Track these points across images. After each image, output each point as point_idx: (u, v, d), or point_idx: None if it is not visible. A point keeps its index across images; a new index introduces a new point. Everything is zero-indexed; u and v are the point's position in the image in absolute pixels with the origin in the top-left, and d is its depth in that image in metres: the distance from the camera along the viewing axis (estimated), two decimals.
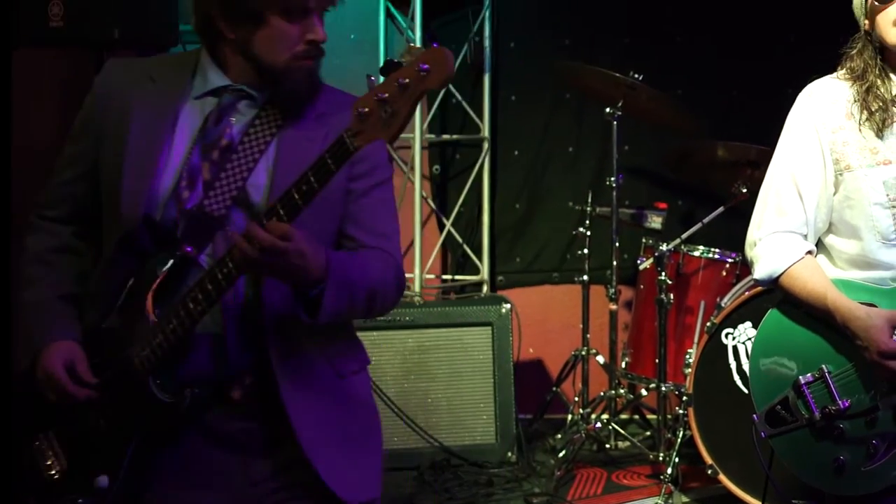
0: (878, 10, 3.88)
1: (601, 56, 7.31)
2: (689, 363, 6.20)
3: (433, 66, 2.99)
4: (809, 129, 4.00)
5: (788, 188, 4.03)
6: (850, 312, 3.84)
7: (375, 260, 3.48)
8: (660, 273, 6.38)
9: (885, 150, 3.90)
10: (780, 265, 4.01)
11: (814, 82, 4.09)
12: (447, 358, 6.74)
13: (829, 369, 3.92)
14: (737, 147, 6.49)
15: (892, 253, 3.91)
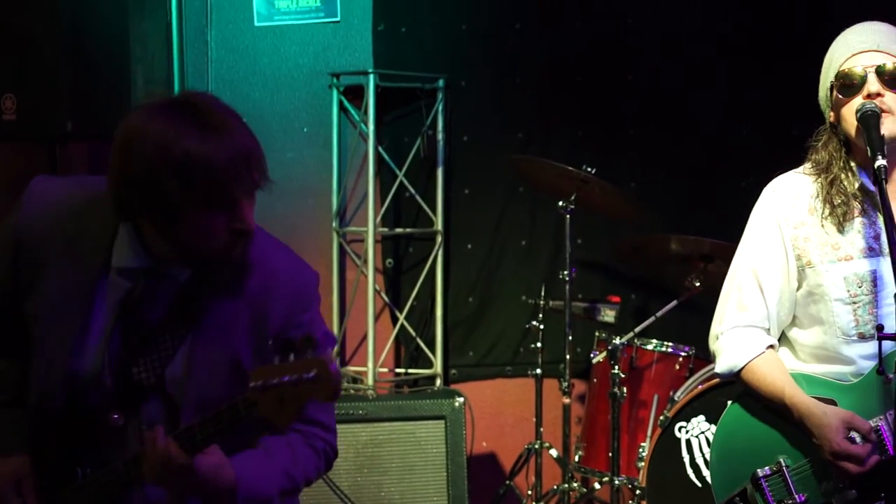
0: (843, 102, 3.91)
1: (554, 149, 7.32)
2: (643, 457, 6.15)
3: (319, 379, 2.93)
4: (772, 224, 4.02)
5: (750, 283, 4.05)
6: (807, 409, 3.85)
7: (303, 454, 3.45)
8: (613, 366, 6.32)
9: (847, 246, 3.92)
10: (740, 359, 4.03)
11: (778, 178, 4.12)
12: (400, 452, 6.64)
13: (787, 463, 3.93)
14: (690, 241, 6.46)
15: (853, 348, 3.92)
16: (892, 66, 3.85)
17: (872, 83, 3.85)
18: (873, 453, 3.80)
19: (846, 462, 3.78)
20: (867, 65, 3.87)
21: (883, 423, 3.83)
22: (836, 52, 3.98)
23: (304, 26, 7.56)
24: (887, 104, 3.83)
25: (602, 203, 6.75)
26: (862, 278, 3.91)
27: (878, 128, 3.79)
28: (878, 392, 3.85)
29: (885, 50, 3.89)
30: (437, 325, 7.60)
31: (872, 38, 3.92)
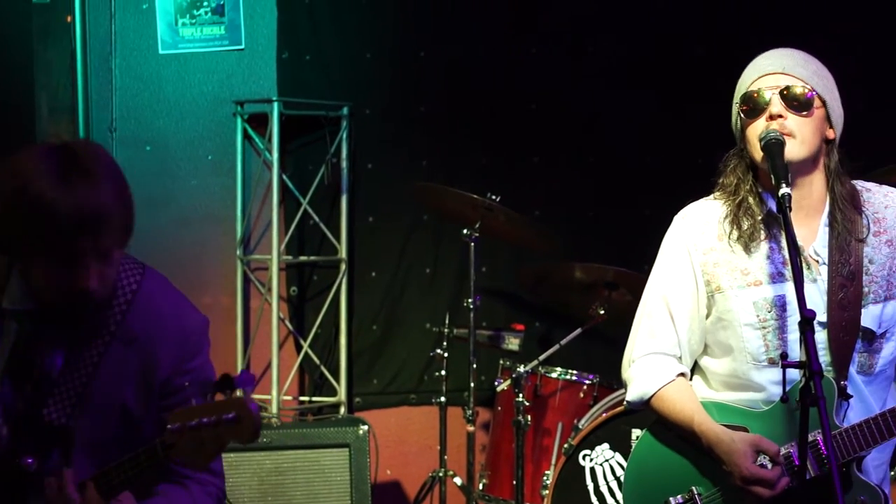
0: (747, 124, 3.90)
1: (458, 177, 7.25)
2: (547, 485, 6.08)
3: (239, 420, 2.89)
4: (682, 251, 3.99)
5: (661, 311, 4.03)
6: (716, 437, 3.82)
7: (199, 498, 3.40)
8: (517, 395, 6.25)
9: (756, 271, 3.89)
10: (650, 387, 4.00)
11: (689, 205, 4.09)
12: (304, 480, 6.56)
13: (699, 491, 3.91)
14: (594, 268, 6.43)
15: (763, 374, 3.89)
16: (796, 89, 3.83)
17: (775, 104, 3.82)
18: (783, 476, 3.77)
19: (757, 487, 3.74)
20: (772, 86, 3.85)
21: (793, 450, 3.80)
22: (745, 75, 3.97)
23: (208, 54, 7.49)
24: (789, 127, 3.80)
25: (506, 231, 6.71)
26: (771, 303, 3.88)
27: (783, 156, 3.75)
28: (787, 419, 3.82)
29: (791, 73, 3.87)
30: (341, 353, 7.52)
31: (780, 62, 3.90)
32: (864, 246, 3.88)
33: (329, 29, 7.52)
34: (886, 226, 3.93)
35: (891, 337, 3.93)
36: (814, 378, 3.35)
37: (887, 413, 3.76)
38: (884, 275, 3.90)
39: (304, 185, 7.45)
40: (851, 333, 3.85)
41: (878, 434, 3.75)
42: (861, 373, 3.89)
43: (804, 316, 3.42)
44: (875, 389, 3.94)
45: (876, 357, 3.91)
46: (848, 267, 3.85)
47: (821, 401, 3.33)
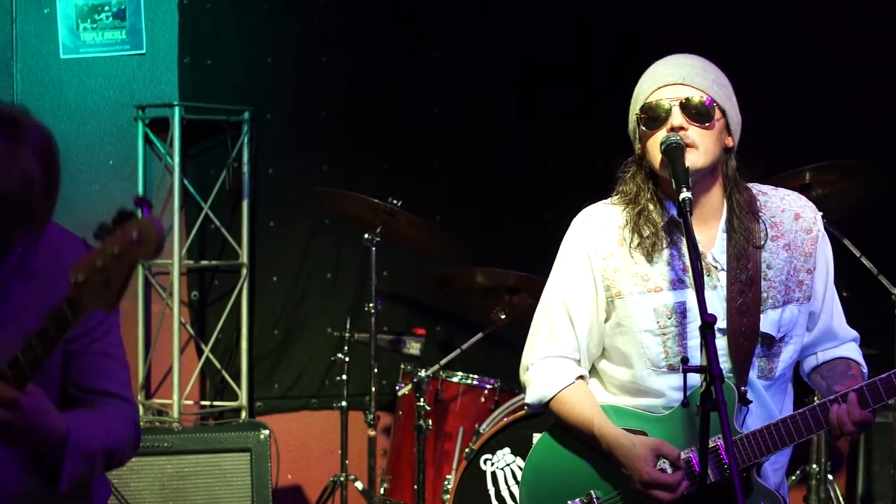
0: (647, 135, 3.82)
1: (360, 182, 7.19)
2: (448, 489, 6.01)
3: (143, 237, 2.79)
4: (581, 255, 3.92)
5: (560, 314, 3.95)
6: (616, 440, 3.77)
7: (115, 417, 3.33)
8: (418, 399, 6.18)
9: (656, 277, 3.83)
10: (549, 390, 3.93)
11: (587, 208, 4.01)
12: (206, 484, 6.47)
13: (598, 495, 3.85)
14: (495, 273, 6.40)
15: (662, 380, 3.84)
16: (696, 100, 3.76)
17: (676, 116, 3.75)
18: (683, 480, 3.72)
19: (657, 491, 3.69)
20: (672, 98, 3.78)
21: (693, 455, 3.75)
22: (644, 84, 3.88)
23: (109, 59, 7.38)
24: (691, 138, 3.73)
25: (408, 235, 6.67)
26: (671, 310, 3.82)
27: (683, 160, 3.69)
28: (687, 424, 3.78)
29: (691, 83, 3.79)
30: (242, 358, 7.43)
31: (678, 72, 3.82)
32: (762, 252, 3.85)
33: (231, 34, 7.44)
34: (784, 230, 3.91)
35: (789, 341, 3.90)
36: (715, 383, 3.30)
37: (788, 419, 3.73)
38: (782, 279, 3.86)
39: (205, 189, 7.35)
40: (751, 339, 3.81)
41: (779, 440, 3.72)
42: (761, 377, 3.86)
43: (705, 320, 3.37)
44: (774, 393, 3.91)
45: (775, 361, 3.87)
46: (746, 273, 3.81)
47: (722, 406, 3.29)
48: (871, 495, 7.02)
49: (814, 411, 3.72)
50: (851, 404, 3.66)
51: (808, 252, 3.91)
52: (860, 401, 3.67)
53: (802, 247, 3.91)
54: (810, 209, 3.98)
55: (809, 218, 3.95)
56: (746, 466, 3.73)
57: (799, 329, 3.92)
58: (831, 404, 3.70)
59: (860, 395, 3.67)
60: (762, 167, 6.52)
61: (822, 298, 3.97)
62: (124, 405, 3.42)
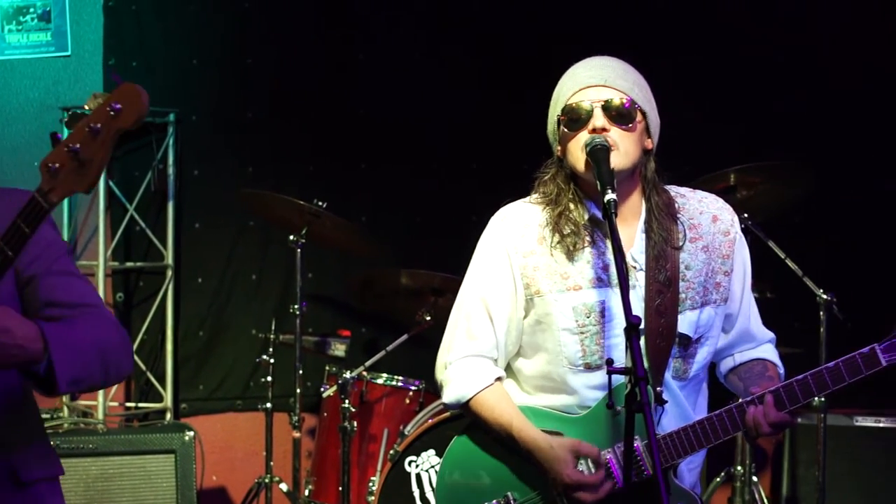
0: (569, 137, 3.77)
1: (285, 183, 7.11)
2: (373, 491, 5.97)
3: (125, 104, 2.76)
4: (501, 253, 3.85)
5: (479, 312, 3.88)
6: (535, 443, 3.72)
7: (91, 322, 3.22)
8: (343, 401, 6.14)
9: (576, 276, 3.78)
10: (468, 390, 3.86)
11: (506, 206, 3.95)
12: (131, 486, 6.37)
13: (515, 496, 3.80)
14: (421, 275, 6.40)
15: (578, 379, 3.79)
16: (618, 102, 3.72)
17: (598, 118, 3.71)
18: (606, 480, 3.68)
19: (580, 492, 3.65)
20: (594, 99, 3.73)
21: (611, 456, 3.72)
22: (565, 85, 3.84)
23: (34, 60, 7.29)
24: (613, 139, 3.69)
25: (333, 237, 6.62)
26: (590, 308, 3.77)
27: (608, 161, 3.65)
28: (605, 425, 3.74)
29: (613, 85, 3.76)
30: (167, 359, 7.35)
31: (600, 73, 3.79)
32: (680, 253, 3.81)
33: (156, 35, 7.36)
34: (702, 232, 3.88)
35: (705, 342, 3.87)
36: (640, 384, 3.24)
37: (705, 421, 3.70)
38: (700, 281, 3.83)
39: (130, 191, 7.27)
40: (668, 340, 3.78)
41: (696, 441, 3.70)
42: (676, 378, 3.83)
43: (630, 322, 3.30)
44: (689, 394, 3.88)
45: (690, 362, 3.84)
46: (665, 273, 3.77)
47: (647, 407, 3.24)
48: (795, 497, 7.02)
49: (730, 412, 3.69)
50: (768, 406, 3.65)
51: (725, 254, 3.89)
52: (776, 402, 3.65)
53: (720, 249, 3.88)
54: (728, 211, 3.96)
55: (727, 220, 3.94)
56: (664, 468, 3.69)
57: (715, 331, 3.90)
58: (748, 405, 3.68)
59: (776, 397, 3.66)
60: (687, 168, 6.55)
61: (739, 301, 3.95)
62: (103, 310, 3.33)
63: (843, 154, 7.31)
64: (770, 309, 6.50)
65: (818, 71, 7.42)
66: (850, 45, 7.43)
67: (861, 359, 3.65)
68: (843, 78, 7.40)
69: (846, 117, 7.38)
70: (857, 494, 6.85)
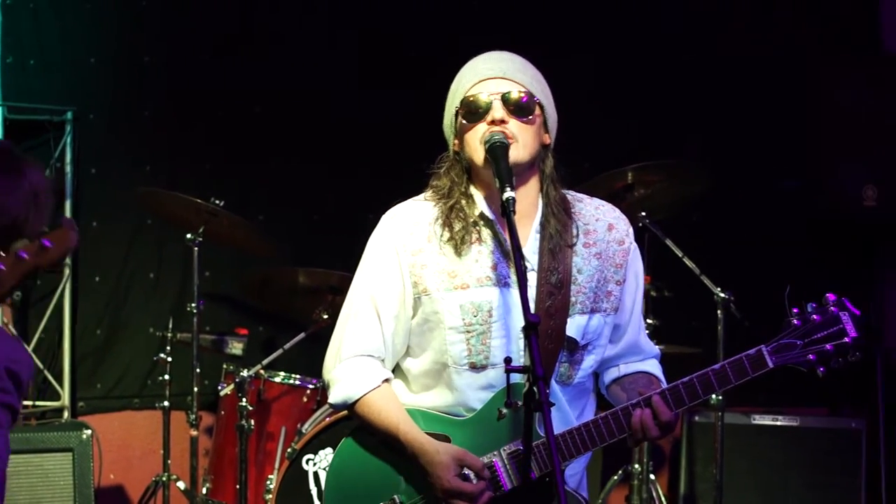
0: (467, 128, 3.73)
1: (182, 182, 7.03)
2: (270, 489, 5.92)
3: (55, 245, 2.86)
4: (390, 252, 3.81)
5: (367, 311, 3.83)
6: (420, 447, 3.68)
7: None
8: (241, 399, 6.09)
9: (464, 274, 3.73)
10: (355, 392, 3.81)
11: (397, 205, 3.90)
12: (28, 484, 6.29)
13: (401, 500, 3.77)
14: (318, 273, 6.37)
15: (464, 379, 3.75)
16: (517, 95, 3.70)
17: (497, 109, 3.69)
18: (486, 490, 3.64)
19: (458, 500, 3.62)
20: (493, 92, 3.71)
21: (497, 460, 3.69)
22: (464, 78, 3.82)
23: None
24: (512, 131, 3.68)
25: (230, 235, 6.55)
26: (477, 307, 3.72)
27: (507, 159, 3.62)
28: (491, 428, 3.70)
29: (512, 78, 3.74)
30: (64, 358, 7.22)
31: (499, 66, 3.77)
32: (573, 255, 3.78)
33: (53, 33, 7.22)
34: (596, 238, 3.85)
35: (592, 350, 3.84)
36: (538, 383, 3.22)
37: (590, 423, 3.68)
38: (591, 286, 3.80)
39: None
40: (556, 342, 3.74)
41: (581, 444, 3.67)
42: (560, 383, 3.79)
43: (529, 320, 3.28)
44: (571, 399, 3.84)
45: (576, 368, 3.81)
46: (557, 275, 3.74)
47: (546, 405, 3.21)
48: (693, 495, 7.07)
49: (616, 415, 3.67)
50: (655, 408, 3.63)
51: (618, 263, 3.86)
52: (663, 405, 3.64)
53: (614, 258, 3.86)
54: (624, 221, 3.94)
55: (622, 230, 3.91)
56: (549, 472, 3.64)
57: (603, 340, 3.87)
58: (634, 409, 3.65)
59: (663, 399, 3.64)
60: (586, 166, 6.60)
61: (629, 312, 3.92)
62: None
63: (741, 153, 7.39)
64: (668, 308, 6.63)
65: (718, 70, 7.50)
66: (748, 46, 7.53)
67: (748, 361, 3.65)
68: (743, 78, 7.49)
69: (744, 117, 7.47)
70: (754, 492, 6.93)
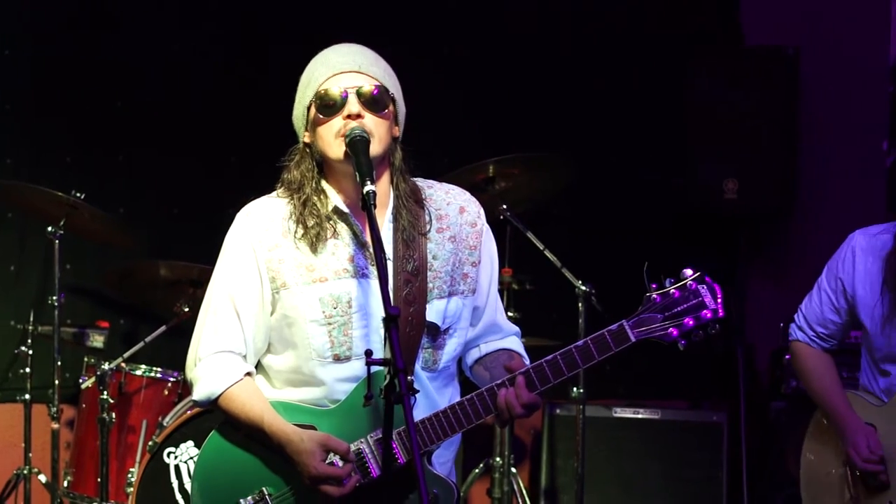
0: (322, 122, 3.72)
1: (43, 175, 6.86)
2: (132, 482, 5.88)
3: None
4: (246, 248, 3.79)
5: (227, 309, 3.81)
6: (285, 436, 3.68)
7: None
8: (102, 392, 6.02)
9: (321, 267, 3.74)
10: (218, 386, 3.79)
11: (251, 203, 3.88)
12: None
13: (270, 492, 3.75)
14: (179, 266, 6.30)
15: (328, 371, 3.76)
16: (371, 89, 3.72)
17: (353, 104, 3.69)
18: (353, 474, 3.66)
19: (326, 485, 3.63)
20: (348, 86, 3.71)
21: (364, 446, 3.70)
22: (316, 70, 3.80)
23: None
24: (367, 126, 3.68)
25: (91, 228, 6.46)
26: (336, 300, 3.73)
27: (368, 153, 3.63)
28: (356, 416, 3.71)
29: (366, 72, 3.75)
30: None
31: (353, 59, 3.78)
32: (427, 242, 3.82)
33: None
34: (449, 222, 3.88)
35: (454, 333, 3.88)
36: (399, 375, 3.25)
37: (456, 405, 3.71)
38: (448, 270, 3.84)
39: None
40: (417, 329, 3.77)
41: (448, 427, 3.70)
42: (425, 369, 3.83)
43: (389, 313, 3.30)
44: (439, 386, 3.88)
45: (439, 354, 3.85)
46: (413, 263, 3.77)
47: (406, 397, 3.24)
48: (554, 488, 7.10)
49: (482, 396, 3.70)
50: (519, 387, 3.66)
51: (472, 245, 3.90)
52: (527, 383, 3.67)
53: (467, 240, 3.90)
54: (474, 203, 3.97)
55: (474, 212, 3.95)
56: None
57: (463, 322, 3.91)
58: (499, 388, 3.69)
59: (527, 378, 3.68)
60: (446, 160, 6.61)
61: (486, 293, 3.97)
62: None
63: (605, 146, 7.45)
64: (529, 300, 6.67)
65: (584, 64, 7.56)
66: (613, 39, 7.60)
67: (610, 335, 3.70)
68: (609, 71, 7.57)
69: (610, 110, 7.54)
70: (615, 484, 6.98)
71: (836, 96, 7.40)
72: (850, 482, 4.90)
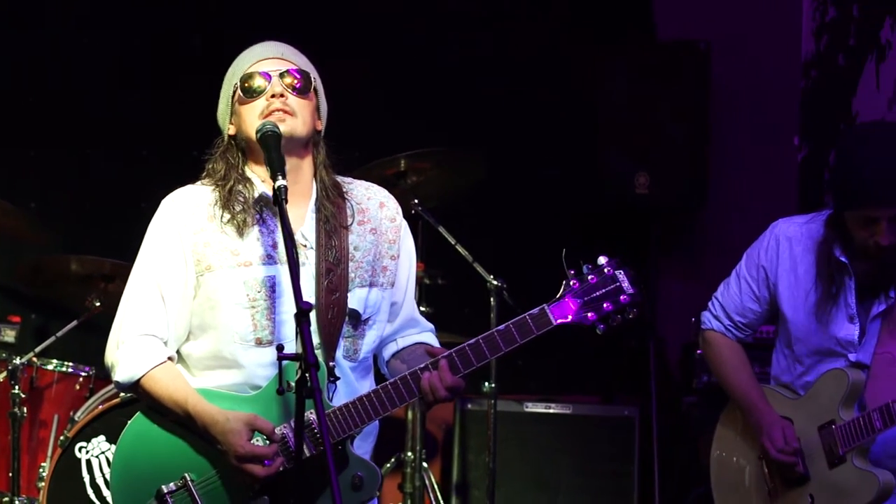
0: (245, 103, 3.79)
1: None
2: (43, 477, 5.80)
3: None
4: (171, 232, 3.79)
5: (151, 293, 3.80)
6: (211, 417, 3.66)
7: None
8: (13, 387, 5.95)
9: (246, 252, 3.76)
10: (140, 368, 3.76)
11: (175, 191, 3.90)
12: None
13: (192, 477, 3.72)
14: (90, 261, 6.21)
15: (250, 355, 3.76)
16: (295, 72, 3.85)
17: (276, 84, 3.80)
18: (279, 455, 3.66)
19: (251, 465, 3.61)
20: (271, 69, 3.83)
21: (288, 431, 3.70)
22: (242, 61, 3.91)
23: None
24: (291, 106, 3.79)
25: (2, 224, 6.34)
26: (261, 284, 3.76)
27: (279, 148, 3.68)
28: (277, 403, 3.71)
29: (289, 59, 3.88)
30: None
31: (277, 49, 3.91)
32: (349, 233, 3.87)
33: None
34: (370, 216, 3.95)
35: (373, 324, 3.91)
36: (310, 370, 3.26)
37: (380, 389, 3.74)
38: (369, 261, 3.89)
39: None
40: (339, 316, 3.80)
41: (373, 410, 3.72)
42: (346, 358, 3.85)
43: (300, 308, 3.32)
44: (359, 376, 3.91)
45: (360, 343, 3.88)
46: (335, 252, 3.81)
47: (317, 393, 3.26)
48: (466, 482, 7.07)
49: (405, 380, 3.73)
50: (442, 370, 3.71)
51: (391, 239, 3.97)
52: (451, 366, 3.72)
53: (387, 234, 3.96)
54: (392, 200, 4.07)
55: (392, 208, 4.03)
56: (341, 439, 3.70)
57: (382, 315, 3.95)
58: (422, 372, 3.72)
59: (450, 361, 3.72)
60: (357, 154, 6.59)
61: (404, 288, 4.03)
62: None
63: (513, 141, 7.46)
64: (441, 295, 6.67)
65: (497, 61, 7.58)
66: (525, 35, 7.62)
67: (531, 319, 3.74)
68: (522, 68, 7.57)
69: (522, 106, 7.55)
70: (526, 479, 6.96)
71: (749, 91, 7.42)
72: (766, 476, 4.88)
